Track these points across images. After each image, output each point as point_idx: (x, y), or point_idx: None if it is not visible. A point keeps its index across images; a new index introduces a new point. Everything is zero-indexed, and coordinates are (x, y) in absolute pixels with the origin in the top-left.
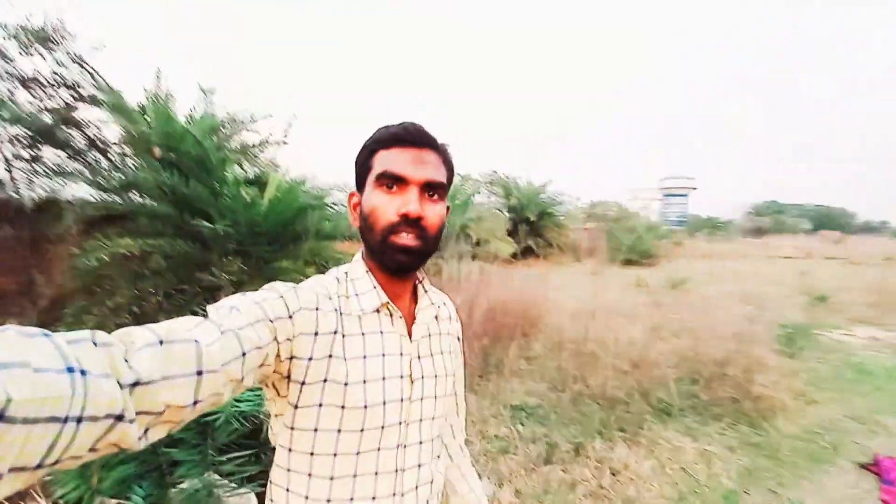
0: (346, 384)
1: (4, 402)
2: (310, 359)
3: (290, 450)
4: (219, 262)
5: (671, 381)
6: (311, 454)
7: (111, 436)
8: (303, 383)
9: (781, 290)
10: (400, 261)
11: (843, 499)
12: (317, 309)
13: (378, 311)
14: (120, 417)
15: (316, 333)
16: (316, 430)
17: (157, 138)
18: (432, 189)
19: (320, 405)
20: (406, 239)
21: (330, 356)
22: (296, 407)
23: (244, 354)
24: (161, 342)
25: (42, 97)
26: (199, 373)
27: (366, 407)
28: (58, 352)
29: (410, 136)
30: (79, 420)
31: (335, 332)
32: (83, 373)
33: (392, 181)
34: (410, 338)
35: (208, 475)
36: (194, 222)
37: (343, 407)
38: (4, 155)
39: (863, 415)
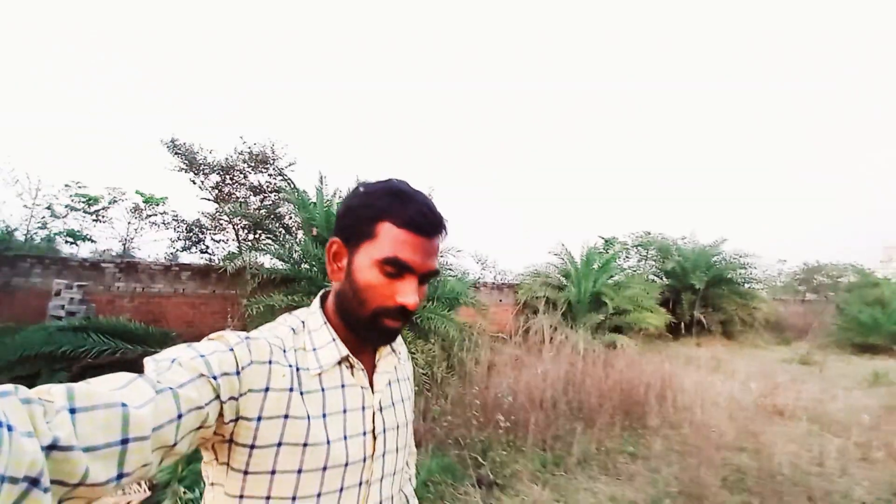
0: (305, 445)
1: None
2: (259, 418)
3: None
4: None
5: None
6: None
7: (25, 503)
8: (252, 447)
9: None
10: (380, 342)
11: None
12: (269, 362)
13: (339, 363)
14: (35, 482)
15: (267, 389)
16: (268, 497)
17: (318, 222)
18: (429, 277)
19: (273, 472)
20: (394, 324)
21: (286, 416)
22: (245, 473)
23: (180, 416)
24: (80, 407)
25: (261, 199)
26: (125, 441)
27: (325, 469)
28: None
29: (428, 226)
30: (2, 480)
31: (291, 390)
32: (10, 429)
33: (398, 269)
34: (372, 389)
35: None
36: (327, 283)
37: (300, 471)
38: (238, 236)
39: None
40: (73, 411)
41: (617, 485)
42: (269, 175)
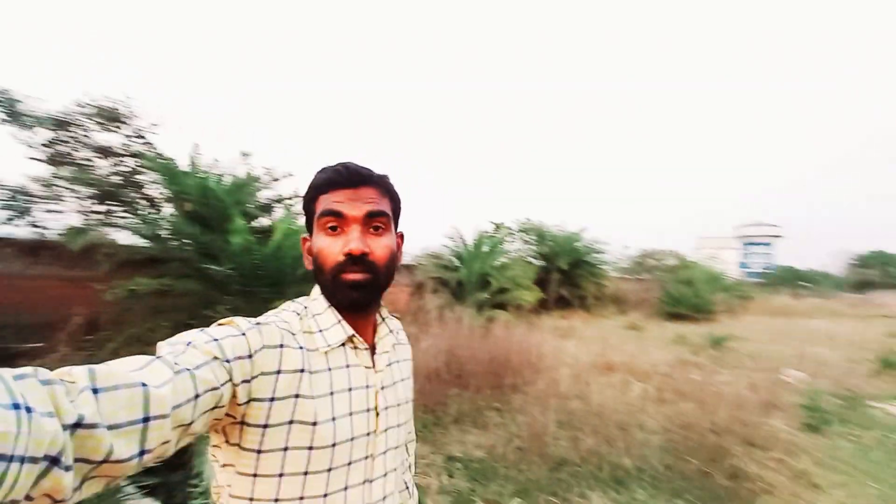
0: (314, 423)
1: None
2: (272, 399)
3: (250, 499)
4: (223, 300)
5: (646, 448)
6: (276, 500)
7: (45, 482)
8: (265, 426)
9: (855, 353)
10: (352, 297)
11: None
12: (280, 346)
13: (343, 344)
14: (56, 461)
15: (278, 372)
16: (281, 475)
17: (192, 196)
18: (374, 222)
19: (285, 449)
20: (353, 275)
21: (297, 396)
22: (258, 452)
23: (197, 397)
24: (102, 387)
25: (113, 164)
26: (147, 419)
27: (334, 445)
28: (4, 386)
29: (345, 178)
30: (22, 460)
31: (301, 371)
32: (28, 410)
33: (333, 221)
34: (374, 368)
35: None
36: (204, 265)
37: (311, 448)
38: (82, 209)
39: None
40: (95, 391)
41: (483, 435)
42: (128, 137)
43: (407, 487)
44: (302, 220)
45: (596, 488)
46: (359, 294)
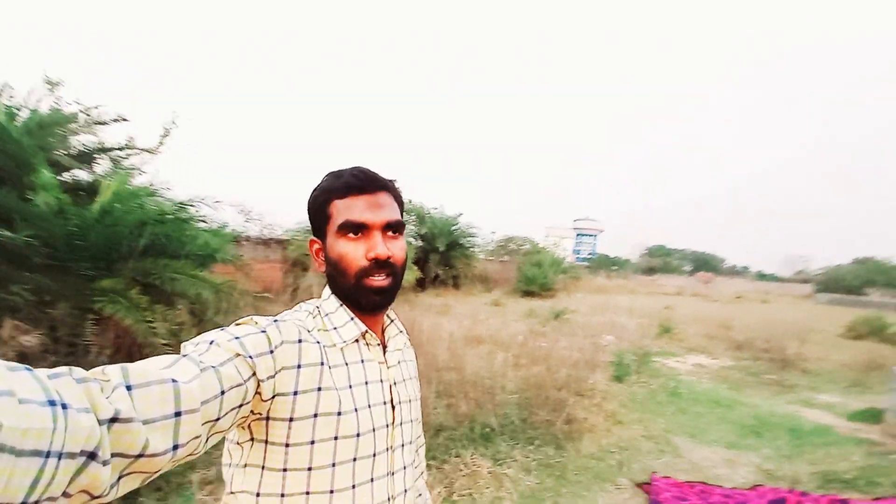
0: (339, 413)
1: None
2: (295, 393)
3: (281, 495)
4: (20, 277)
5: (506, 407)
6: (307, 493)
7: (83, 478)
8: (291, 419)
9: (645, 321)
10: (375, 302)
11: None
12: (299, 341)
13: (357, 340)
14: (93, 455)
15: (299, 366)
16: (310, 468)
17: None
18: (392, 228)
19: (312, 442)
20: (379, 280)
21: (319, 389)
22: (287, 446)
23: (223, 393)
24: (136, 384)
25: None
26: (178, 413)
27: (358, 435)
28: (40, 385)
29: (363, 184)
30: (59, 456)
31: (321, 364)
32: (64, 406)
33: (355, 229)
34: (387, 364)
35: None
36: None
37: (336, 438)
38: None
39: (657, 434)
40: (129, 388)
41: None
42: None
43: (420, 494)
44: (139, 180)
45: (469, 447)
46: (381, 298)
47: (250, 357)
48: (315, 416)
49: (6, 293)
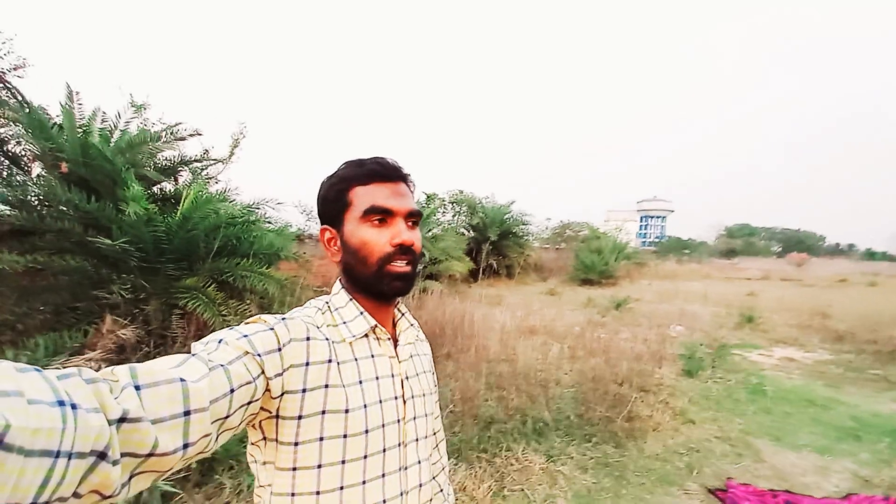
0: (347, 411)
1: (3, 427)
2: (303, 390)
3: (292, 494)
4: (117, 279)
5: (561, 401)
6: (317, 493)
7: (93, 477)
8: (299, 417)
9: (722, 310)
10: (397, 287)
11: None
12: (307, 339)
13: (367, 335)
14: (103, 455)
15: (307, 364)
16: (319, 466)
17: (69, 154)
18: (413, 218)
19: (321, 439)
20: (401, 266)
21: (326, 386)
22: (295, 444)
23: (232, 391)
24: (144, 384)
25: None
26: (188, 412)
27: (367, 432)
28: (49, 385)
29: (388, 172)
30: (69, 456)
31: (329, 361)
32: (73, 407)
33: (380, 215)
34: (398, 358)
35: None
36: (91, 239)
37: (345, 436)
38: None
39: (735, 436)
40: (137, 388)
41: None
42: None
43: (441, 490)
44: (215, 188)
45: (520, 441)
46: (402, 284)
47: (259, 355)
48: (323, 412)
49: (107, 292)
